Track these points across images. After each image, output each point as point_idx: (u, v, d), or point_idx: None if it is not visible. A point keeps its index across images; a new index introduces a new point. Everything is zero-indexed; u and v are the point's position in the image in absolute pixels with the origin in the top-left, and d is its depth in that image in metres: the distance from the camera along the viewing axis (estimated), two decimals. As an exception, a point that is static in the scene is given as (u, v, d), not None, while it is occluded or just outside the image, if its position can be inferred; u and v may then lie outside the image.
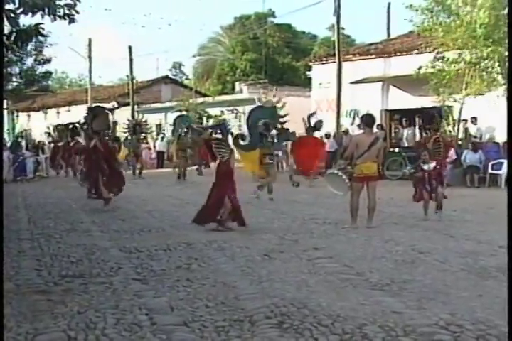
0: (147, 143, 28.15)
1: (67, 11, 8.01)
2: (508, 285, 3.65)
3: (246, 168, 14.95)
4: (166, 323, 5.05)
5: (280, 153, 18.75)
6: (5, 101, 40.01)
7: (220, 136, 10.71)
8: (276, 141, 14.39)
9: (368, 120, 10.33)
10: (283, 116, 14.57)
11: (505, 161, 16.54)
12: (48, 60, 24.85)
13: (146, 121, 25.07)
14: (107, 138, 13.25)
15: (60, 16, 7.93)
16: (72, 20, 8.12)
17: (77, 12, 8.20)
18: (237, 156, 12.04)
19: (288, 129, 14.78)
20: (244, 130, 14.82)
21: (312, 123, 17.64)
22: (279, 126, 14.53)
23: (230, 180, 9.93)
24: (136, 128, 24.24)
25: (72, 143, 22.75)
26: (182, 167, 20.69)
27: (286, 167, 15.55)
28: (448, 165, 15.39)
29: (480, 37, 17.36)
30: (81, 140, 13.08)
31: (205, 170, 21.83)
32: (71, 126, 24.02)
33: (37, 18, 7.87)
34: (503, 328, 4.46)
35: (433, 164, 10.81)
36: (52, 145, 26.12)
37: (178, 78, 50.84)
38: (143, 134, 24.49)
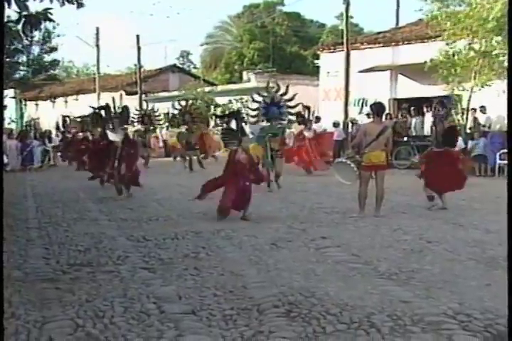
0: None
1: None
2: (508, 275, 3.62)
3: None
4: (173, 312, 5.05)
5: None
6: (13, 90, 40.11)
7: (227, 126, 10.69)
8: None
9: (377, 109, 10.27)
10: (292, 107, 14.53)
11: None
12: (55, 48, 24.86)
13: (155, 111, 25.24)
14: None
15: (68, 1, 7.89)
16: (80, 5, 8.07)
17: None
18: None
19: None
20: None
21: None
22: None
23: (233, 170, 9.93)
24: (145, 118, 24.37)
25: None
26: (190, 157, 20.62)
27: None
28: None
29: (492, 29, 17.23)
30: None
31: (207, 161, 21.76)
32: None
33: (45, 4, 7.84)
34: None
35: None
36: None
37: (185, 67, 50.77)
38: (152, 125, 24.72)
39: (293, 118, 14.88)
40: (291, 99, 14.31)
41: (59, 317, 4.96)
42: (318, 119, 20.40)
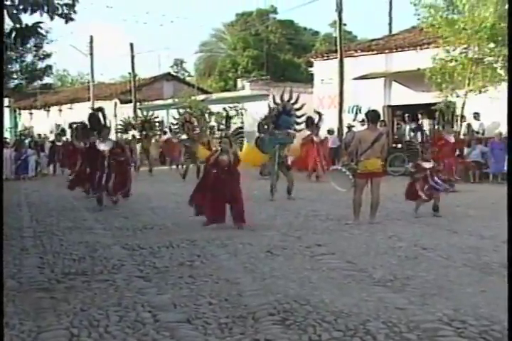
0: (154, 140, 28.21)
1: (65, 11, 7.99)
2: (508, 282, 3.63)
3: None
4: (169, 320, 5.05)
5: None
6: (7, 99, 40.02)
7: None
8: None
9: (373, 116, 10.30)
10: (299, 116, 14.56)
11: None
12: (48, 55, 24.76)
13: (155, 118, 25.26)
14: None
15: (58, 15, 7.90)
16: (70, 19, 8.10)
17: (75, 12, 8.19)
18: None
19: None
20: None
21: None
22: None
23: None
24: (145, 125, 24.47)
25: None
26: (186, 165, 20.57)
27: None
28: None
29: (485, 38, 17.34)
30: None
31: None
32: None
33: (36, 17, 7.85)
34: (506, 323, 4.45)
35: (432, 163, 10.84)
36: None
37: (180, 75, 50.76)
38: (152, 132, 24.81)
39: (299, 127, 14.84)
40: (299, 109, 14.33)
41: (54, 327, 4.95)
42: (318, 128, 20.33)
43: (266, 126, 14.75)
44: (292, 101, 14.24)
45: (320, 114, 19.32)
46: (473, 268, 6.72)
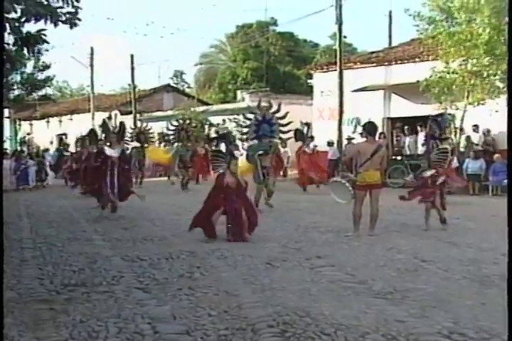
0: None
1: (68, 18, 8.00)
2: (507, 294, 3.63)
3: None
4: (168, 332, 5.04)
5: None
6: (7, 110, 40.07)
7: (216, 148, 10.64)
8: None
9: (370, 128, 10.32)
10: (284, 125, 14.39)
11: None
12: (48, 66, 24.86)
13: (149, 129, 25.30)
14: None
15: (62, 21, 7.92)
16: (74, 24, 8.10)
17: (79, 19, 8.19)
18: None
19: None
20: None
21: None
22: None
23: (225, 192, 9.87)
24: (140, 136, 24.45)
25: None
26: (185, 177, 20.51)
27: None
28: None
29: (482, 51, 17.43)
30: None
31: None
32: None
33: (39, 25, 7.89)
34: (505, 337, 4.44)
35: (431, 172, 10.82)
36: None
37: (179, 86, 50.88)
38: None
39: (285, 136, 14.76)
40: (283, 117, 14.16)
41: (53, 339, 4.94)
42: (311, 138, 20.45)
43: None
44: (273, 110, 14.11)
45: (308, 125, 19.30)
46: (473, 281, 6.72)
